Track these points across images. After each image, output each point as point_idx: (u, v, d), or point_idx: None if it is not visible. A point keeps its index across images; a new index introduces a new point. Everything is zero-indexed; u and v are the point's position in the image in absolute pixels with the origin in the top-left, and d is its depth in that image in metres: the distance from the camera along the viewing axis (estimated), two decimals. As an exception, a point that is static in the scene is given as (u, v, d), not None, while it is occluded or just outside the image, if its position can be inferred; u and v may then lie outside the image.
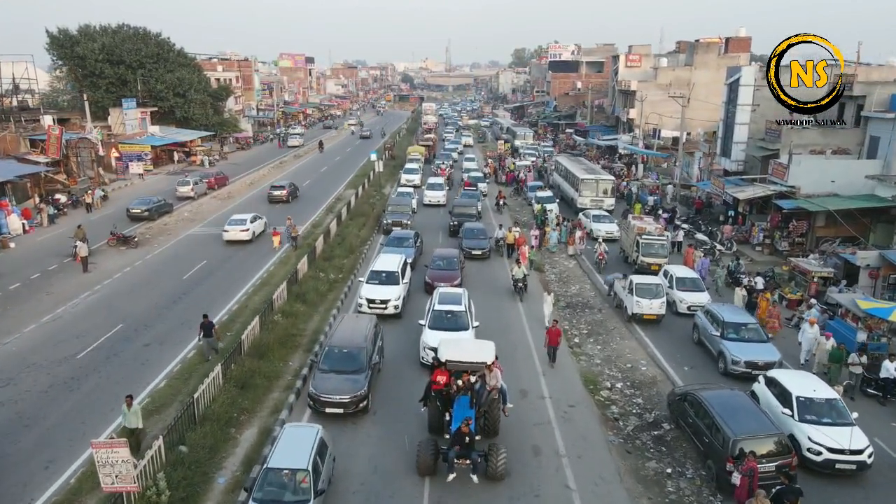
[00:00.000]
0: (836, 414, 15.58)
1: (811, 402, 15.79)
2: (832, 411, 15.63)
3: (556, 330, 20.19)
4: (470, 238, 32.24)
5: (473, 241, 31.95)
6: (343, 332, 18.86)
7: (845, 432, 14.92)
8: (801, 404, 15.72)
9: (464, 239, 32.16)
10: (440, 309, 21.01)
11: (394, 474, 14.63)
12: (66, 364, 19.85)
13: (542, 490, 14.29)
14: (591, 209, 39.28)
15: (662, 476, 15.04)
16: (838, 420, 15.39)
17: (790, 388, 16.22)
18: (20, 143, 46.94)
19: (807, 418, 15.47)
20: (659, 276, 26.39)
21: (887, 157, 31.21)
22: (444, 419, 15.56)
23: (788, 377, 17.07)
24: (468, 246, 31.44)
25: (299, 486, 12.56)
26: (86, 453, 15.05)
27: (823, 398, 15.88)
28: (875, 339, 20.42)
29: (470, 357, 16.39)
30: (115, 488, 12.06)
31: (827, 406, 15.73)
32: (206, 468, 14.37)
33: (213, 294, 26.29)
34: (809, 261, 27.35)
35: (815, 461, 14.83)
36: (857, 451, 14.63)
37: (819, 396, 15.91)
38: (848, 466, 14.73)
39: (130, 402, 14.84)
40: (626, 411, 17.99)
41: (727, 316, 21.06)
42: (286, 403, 17.39)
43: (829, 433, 14.94)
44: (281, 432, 14.07)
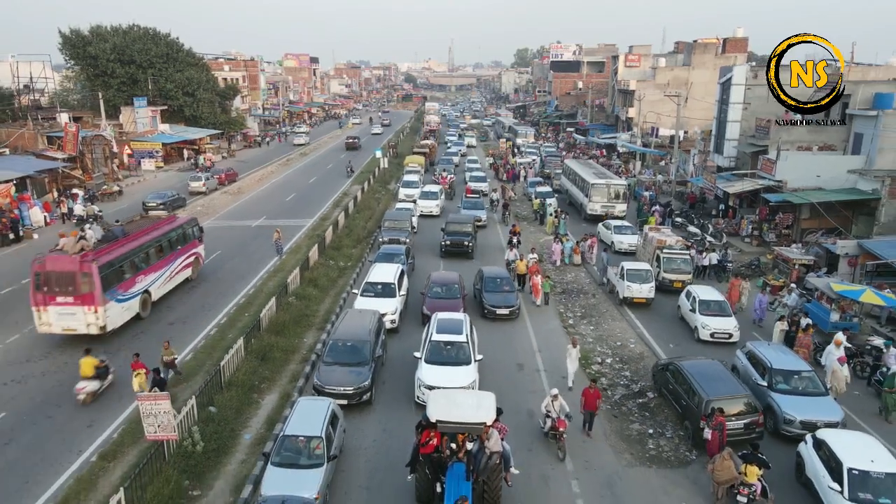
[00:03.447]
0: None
1: (866, 476, 12.97)
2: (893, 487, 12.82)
3: (595, 392, 16.47)
4: (493, 291, 24.20)
5: (498, 297, 23.95)
6: (347, 326, 19.45)
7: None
8: (853, 479, 12.98)
9: (484, 293, 24.23)
10: (438, 339, 18.60)
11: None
12: (97, 340, 21.39)
13: (533, 446, 15.90)
14: (606, 216, 37.51)
15: (644, 436, 16.64)
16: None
17: (841, 456, 13.41)
18: (38, 139, 48.70)
19: (859, 497, 12.76)
20: (681, 297, 24.38)
21: (870, 152, 32.71)
22: (434, 490, 13.30)
23: (842, 442, 14.02)
24: (491, 303, 23.75)
25: (313, 452, 13.83)
26: (124, 414, 16.73)
27: (883, 472, 13.00)
28: (847, 319, 22.02)
29: (466, 417, 13.50)
30: (157, 437, 13.67)
31: (886, 481, 12.91)
32: (233, 426, 16.02)
33: (229, 279, 27.91)
34: (792, 250, 28.94)
35: None
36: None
37: (877, 470, 13.04)
38: None
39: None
40: (614, 382, 19.58)
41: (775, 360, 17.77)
42: (302, 373, 19.04)
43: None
44: (295, 404, 15.47)
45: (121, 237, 23.05)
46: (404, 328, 23.05)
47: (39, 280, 20.40)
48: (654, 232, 30.31)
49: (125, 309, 22.05)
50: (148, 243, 24.10)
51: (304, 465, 13.63)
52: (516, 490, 14.05)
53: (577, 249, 31.68)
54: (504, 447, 13.70)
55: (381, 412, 17.61)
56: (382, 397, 18.35)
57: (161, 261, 24.71)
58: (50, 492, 13.80)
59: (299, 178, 55.13)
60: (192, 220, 29.01)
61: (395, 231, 32.50)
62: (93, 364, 17.53)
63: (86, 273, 20.27)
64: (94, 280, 20.30)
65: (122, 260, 22.08)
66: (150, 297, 23.85)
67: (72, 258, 20.50)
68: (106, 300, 20.67)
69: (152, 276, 24.00)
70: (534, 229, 38.72)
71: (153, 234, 24.80)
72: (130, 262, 22.61)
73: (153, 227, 25.46)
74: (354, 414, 17.11)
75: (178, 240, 26.37)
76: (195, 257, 27.75)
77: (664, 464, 15.51)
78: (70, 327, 20.62)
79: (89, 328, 20.58)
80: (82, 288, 20.23)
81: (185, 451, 14.35)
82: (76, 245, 20.99)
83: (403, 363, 19.88)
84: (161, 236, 25.16)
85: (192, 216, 31.40)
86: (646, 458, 15.71)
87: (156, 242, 24.65)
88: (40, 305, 20.36)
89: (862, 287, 22.10)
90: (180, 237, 26.67)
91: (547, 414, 15.77)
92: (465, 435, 13.58)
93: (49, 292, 20.28)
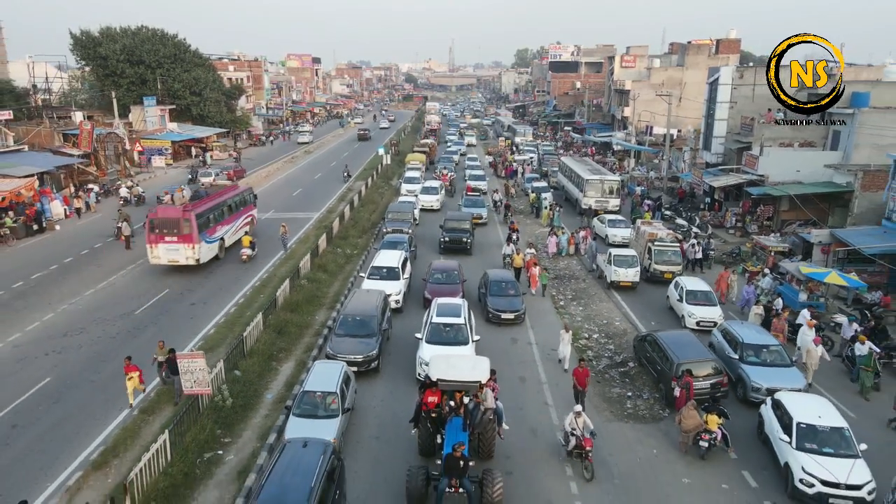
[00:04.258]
0: (841, 444, 14.45)
1: (812, 429, 14.69)
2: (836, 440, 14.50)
3: (584, 370, 17.67)
4: (498, 295, 24.00)
5: (503, 301, 23.75)
6: (356, 303, 21.49)
7: (845, 464, 13.98)
8: (800, 431, 14.71)
9: (489, 296, 23.98)
10: (438, 322, 19.89)
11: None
12: (126, 318, 23.45)
13: (525, 405, 17.88)
14: (602, 212, 38.61)
15: (623, 398, 18.60)
16: (841, 451, 14.32)
17: (792, 412, 15.20)
18: (54, 137, 50.71)
19: (806, 447, 14.40)
20: (669, 288, 25.71)
21: (846, 148, 34.67)
22: (435, 442, 14.95)
23: (795, 402, 15.81)
24: (496, 307, 23.46)
25: (329, 406, 15.83)
26: (156, 379, 18.61)
27: (828, 426, 14.72)
28: (815, 299, 23.97)
29: (463, 376, 15.20)
30: (194, 391, 15.61)
31: (831, 435, 14.58)
32: (256, 387, 18.00)
33: (242, 266, 29.83)
34: (769, 239, 30.88)
35: (807, 495, 13.91)
36: (854, 487, 13.69)
37: (822, 424, 14.76)
38: (842, 502, 13.76)
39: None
40: (599, 354, 21.53)
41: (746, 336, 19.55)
42: (316, 345, 21.04)
43: (827, 464, 13.97)
44: (313, 366, 17.53)
45: (205, 197, 31.14)
46: (407, 310, 24.88)
47: (153, 225, 27.54)
48: (646, 225, 31.75)
49: (210, 249, 29.33)
50: (222, 203, 31.37)
51: (321, 416, 15.60)
52: (509, 441, 15.94)
53: (571, 240, 33.28)
54: (497, 405, 15.45)
55: (387, 379, 19.56)
56: (388, 367, 20.24)
57: (230, 217, 32.04)
58: (99, 438, 15.77)
59: (304, 175, 57.09)
60: (249, 188, 37.07)
61: (398, 222, 34.18)
62: (249, 240, 29.80)
63: (187, 219, 27.49)
64: (193, 225, 27.48)
65: (207, 212, 29.43)
66: (224, 244, 30.93)
67: (177, 208, 28.91)
68: (199, 240, 27.89)
69: (225, 228, 31.31)
70: (530, 222, 40.71)
71: (224, 196, 32.32)
72: (213, 215, 29.97)
73: (223, 191, 33.30)
74: (364, 380, 18.98)
75: (240, 203, 33.74)
76: (251, 218, 34.96)
77: (640, 420, 17.47)
78: (174, 259, 27.77)
79: (188, 260, 27.73)
80: (184, 230, 27.39)
81: (217, 406, 16.33)
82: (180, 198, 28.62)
83: (406, 341, 21.52)
84: (229, 199, 32.50)
85: (249, 186, 39.14)
86: (624, 416, 17.67)
87: (226, 203, 31.90)
88: (153, 244, 27.54)
89: (828, 270, 24.05)
90: (242, 201, 34.10)
91: (571, 432, 15.12)
92: (461, 393, 15.17)
93: (159, 234, 27.46)
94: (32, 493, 13.75)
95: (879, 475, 13.96)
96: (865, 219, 30.61)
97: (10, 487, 13.93)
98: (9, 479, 14.26)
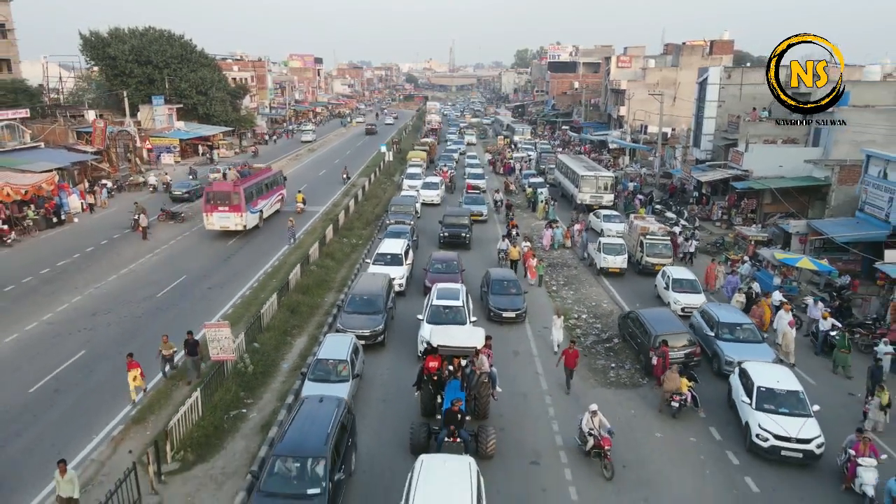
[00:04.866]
0: (796, 404, 16.11)
1: (771, 392, 16.46)
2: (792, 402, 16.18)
3: (574, 352, 18.73)
4: (499, 294, 24.23)
5: (505, 300, 23.97)
6: (363, 284, 23.54)
7: (798, 422, 15.59)
8: (760, 394, 16.39)
9: (491, 295, 24.25)
10: (438, 304, 21.38)
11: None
12: (149, 300, 25.29)
13: (517, 374, 19.74)
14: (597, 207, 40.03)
15: (607, 368, 20.46)
16: (795, 411, 15.95)
17: (754, 377, 16.93)
18: (68, 134, 52.57)
19: (764, 407, 16.09)
20: (657, 277, 27.07)
21: (826, 145, 36.48)
22: (436, 402, 16.56)
23: (757, 369, 17.47)
24: (498, 306, 23.69)
25: (340, 372, 17.71)
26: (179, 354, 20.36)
27: (785, 389, 16.49)
28: (788, 283, 25.81)
29: (460, 342, 17.13)
30: (220, 357, 17.45)
31: (787, 397, 16.31)
32: (273, 357, 19.85)
33: (255, 254, 31.75)
34: (750, 229, 32.74)
35: (762, 447, 15.58)
36: (804, 440, 15.21)
37: (780, 387, 16.53)
38: (794, 454, 15.35)
39: (64, 469, 13.03)
40: (587, 332, 23.38)
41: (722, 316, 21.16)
42: (326, 322, 22.93)
43: (781, 422, 15.59)
44: (325, 338, 19.47)
45: (249, 175, 37.26)
46: (409, 294, 26.71)
47: (209, 197, 34.22)
48: (639, 220, 32.95)
49: (253, 218, 35.76)
50: (260, 181, 37.85)
51: (333, 381, 17.42)
52: (502, 402, 17.72)
53: (567, 233, 34.83)
54: (491, 370, 17.25)
55: (391, 352, 21.48)
56: (392, 343, 22.13)
57: (267, 193, 38.57)
58: (136, 398, 17.58)
59: (309, 172, 58.93)
60: (279, 172, 43.93)
61: (401, 214, 36.06)
62: (302, 196, 41.02)
63: (237, 193, 34.02)
64: (241, 197, 34.04)
65: (250, 188, 35.66)
66: (262, 215, 37.46)
67: (228, 184, 34.95)
68: (246, 210, 34.27)
69: (263, 202, 37.73)
70: (526, 215, 42.55)
71: (262, 177, 38.88)
72: (254, 190, 36.27)
73: (261, 172, 39.80)
74: (371, 352, 20.83)
75: (273, 182, 40.48)
76: (282, 196, 41.87)
77: (621, 387, 19.33)
78: (225, 226, 34.33)
79: (236, 226, 34.34)
80: (234, 202, 33.95)
81: (240, 371, 18.21)
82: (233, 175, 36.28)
83: (409, 322, 23.22)
84: (266, 179, 39.18)
85: (280, 169, 46.09)
86: (607, 383, 19.53)
87: (263, 182, 38.41)
88: (208, 213, 34.17)
89: (800, 256, 25.90)
90: (275, 181, 40.90)
91: (589, 432, 15.29)
92: (459, 358, 17.05)
93: (213, 204, 34.04)
94: (80, 444, 15.63)
95: (833, 435, 15.59)
96: (842, 211, 32.41)
97: (59, 440, 15.77)
98: (58, 434, 16.10)
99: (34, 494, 13.98)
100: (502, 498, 14.04)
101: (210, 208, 33.89)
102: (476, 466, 12.74)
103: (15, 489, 14.16)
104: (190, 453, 14.84)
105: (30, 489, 14.13)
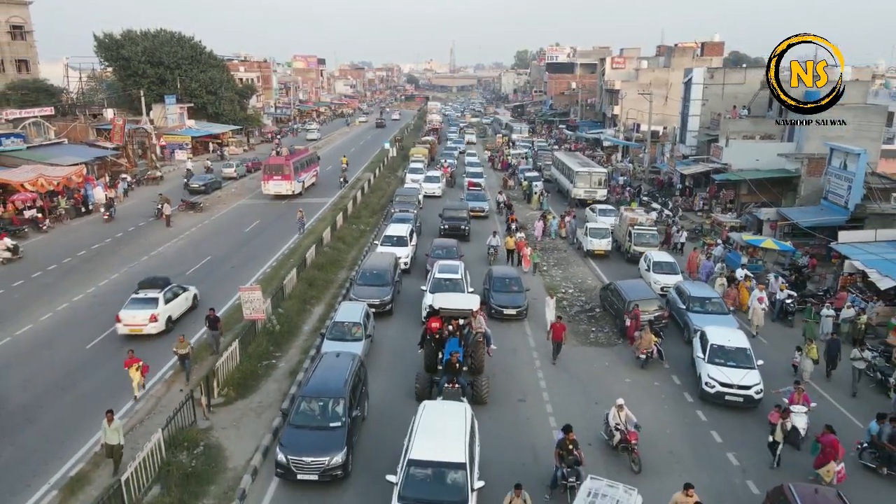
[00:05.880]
0: (742, 359, 18.53)
1: (722, 348, 18.97)
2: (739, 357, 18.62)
3: (561, 325, 20.52)
4: (501, 291, 24.87)
5: (506, 297, 24.60)
6: (372, 261, 26.66)
7: (741, 372, 18.06)
8: (712, 350, 18.95)
9: (492, 292, 24.84)
10: (440, 277, 24.05)
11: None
12: (180, 277, 27.90)
13: (508, 333, 22.64)
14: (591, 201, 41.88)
15: (588, 331, 23.39)
16: (741, 364, 18.35)
17: (709, 337, 19.42)
18: (89, 131, 55.49)
19: (715, 361, 18.58)
20: (640, 261, 29.10)
21: (799, 140, 39.35)
22: (437, 359, 18.75)
23: (714, 330, 19.89)
24: (499, 303, 24.31)
25: (354, 333, 20.44)
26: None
27: (734, 346, 18.95)
28: (755, 262, 28.68)
29: (458, 305, 19.96)
30: (252, 316, 20.32)
31: (735, 353, 18.77)
32: (295, 321, 22.73)
33: (271, 240, 34.63)
34: (726, 217, 35.64)
35: (709, 393, 18.14)
36: (745, 387, 17.75)
37: (729, 345, 18.98)
38: (735, 399, 17.87)
39: (111, 418, 14.24)
40: (572, 304, 26.27)
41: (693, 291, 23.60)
42: (340, 294, 25.80)
43: (726, 372, 18.10)
44: (340, 305, 22.35)
45: (294, 153, 47.31)
46: (413, 273, 29.54)
47: (266, 168, 45.29)
48: (629, 212, 34.93)
49: (298, 185, 45.56)
50: (301, 159, 47.67)
51: (349, 340, 20.18)
52: (496, 358, 20.49)
53: (562, 224, 36.84)
54: (486, 330, 19.89)
55: (398, 319, 24.40)
56: (399, 312, 25.02)
57: (305, 169, 48.06)
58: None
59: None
60: (315, 152, 55.22)
61: (405, 203, 38.84)
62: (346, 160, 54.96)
63: (288, 165, 44.34)
64: (291, 169, 44.35)
65: (297, 163, 45.69)
66: (304, 185, 47.11)
67: (281, 158, 45.39)
68: (294, 179, 44.44)
69: (304, 175, 47.44)
70: (522, 207, 45.42)
71: (303, 155, 48.99)
72: (299, 165, 46.19)
73: (300, 152, 49.52)
74: (380, 319, 23.65)
75: (310, 160, 50.46)
76: (316, 171, 52.04)
77: (598, 345, 22.25)
78: (278, 191, 44.25)
79: (287, 191, 44.29)
80: (286, 172, 44.10)
81: (268, 330, 21.09)
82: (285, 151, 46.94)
83: (413, 296, 25.88)
84: (305, 157, 49.07)
85: (315, 150, 57.12)
86: (587, 343, 22.46)
87: (304, 159, 48.22)
88: (265, 181, 44.68)
89: (764, 237, 28.80)
90: (311, 160, 50.87)
91: (615, 427, 15.43)
92: (457, 320, 19.73)
93: (270, 174, 44.48)
94: (127, 397, 18.15)
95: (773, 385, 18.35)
96: (810, 200, 35.27)
97: (118, 385, 18.54)
98: (118, 379, 18.88)
99: (84, 441, 15.86)
100: (495, 423, 16.89)
101: (267, 177, 44.30)
102: (470, 410, 15.14)
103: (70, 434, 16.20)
104: (232, 391, 17.70)
105: (82, 435, 16.07)
